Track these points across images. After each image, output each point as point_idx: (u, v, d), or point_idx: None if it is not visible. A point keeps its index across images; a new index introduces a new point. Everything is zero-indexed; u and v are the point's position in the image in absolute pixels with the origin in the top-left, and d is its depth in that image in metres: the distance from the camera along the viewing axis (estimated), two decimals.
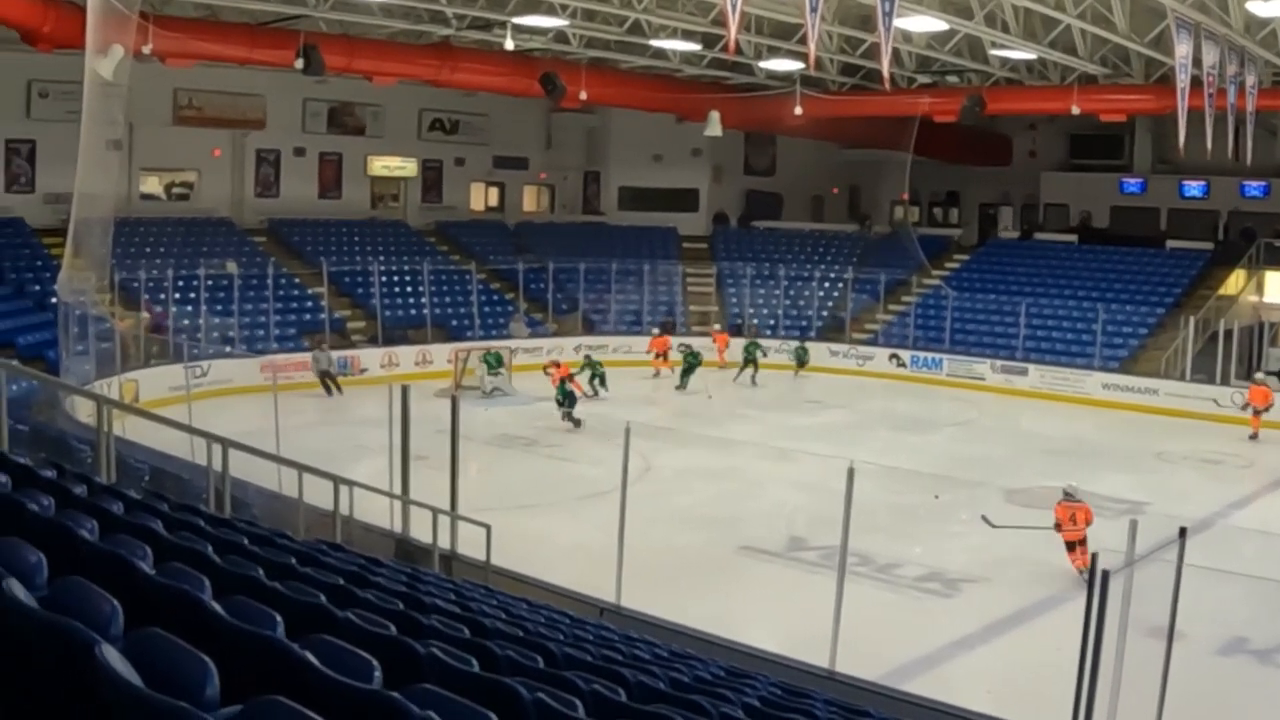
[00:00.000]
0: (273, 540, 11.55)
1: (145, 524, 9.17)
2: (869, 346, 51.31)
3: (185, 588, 6.38)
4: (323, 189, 53.88)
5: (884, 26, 27.59)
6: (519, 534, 23.20)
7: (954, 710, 15.82)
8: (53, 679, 4.96)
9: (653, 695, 8.49)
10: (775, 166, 63.82)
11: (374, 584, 10.34)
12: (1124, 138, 57.24)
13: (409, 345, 46.69)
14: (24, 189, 44.10)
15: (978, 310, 51.35)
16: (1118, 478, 31.77)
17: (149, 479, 19.39)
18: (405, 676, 5.84)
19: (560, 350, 46.89)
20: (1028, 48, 37.84)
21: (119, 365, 35.08)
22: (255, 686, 4.79)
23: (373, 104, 53.26)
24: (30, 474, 10.64)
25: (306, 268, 48.41)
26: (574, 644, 10.59)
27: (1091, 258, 53.14)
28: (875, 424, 39.52)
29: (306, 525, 18.69)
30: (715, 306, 54.98)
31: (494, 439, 34.83)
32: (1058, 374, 46.12)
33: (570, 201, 62.56)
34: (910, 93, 46.45)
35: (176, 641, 4.87)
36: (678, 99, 50.19)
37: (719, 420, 38.48)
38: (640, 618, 18.50)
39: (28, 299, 38.79)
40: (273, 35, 38.54)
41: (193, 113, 48.63)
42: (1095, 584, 13.11)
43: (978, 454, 35.15)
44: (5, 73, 41.63)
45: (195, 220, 48.33)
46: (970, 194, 63.82)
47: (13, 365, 21.35)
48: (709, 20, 37.60)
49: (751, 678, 12.64)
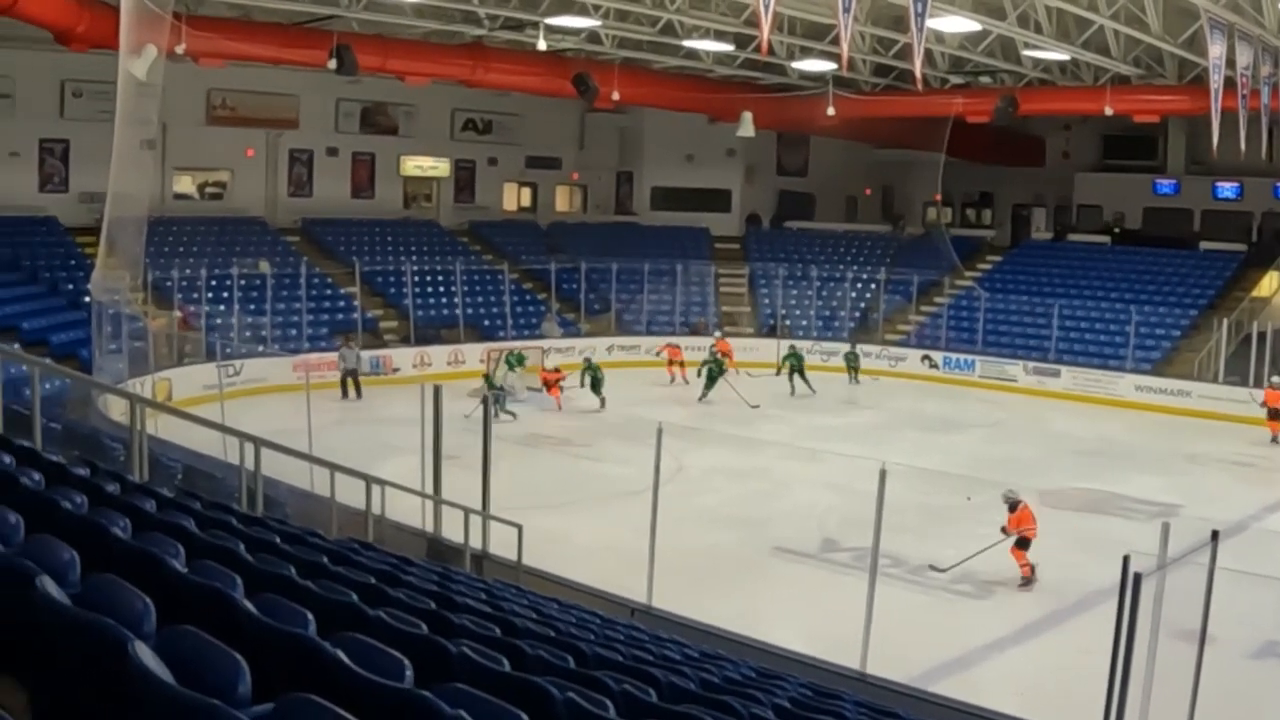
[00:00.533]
0: (305, 539, 11.58)
1: (177, 522, 9.21)
2: (901, 347, 51.17)
3: (217, 586, 6.41)
4: (356, 189, 53.98)
5: (916, 27, 27.58)
6: (550, 534, 23.21)
7: (984, 713, 15.78)
8: (85, 676, 4.99)
9: (683, 695, 8.50)
10: (808, 167, 63.71)
11: (405, 583, 10.36)
12: (1157, 139, 56.97)
13: (441, 345, 46.71)
14: (58, 188, 44.29)
15: (1010, 311, 51.16)
16: (1150, 480, 31.69)
17: (181, 477, 19.46)
18: (436, 675, 5.85)
19: (593, 350, 46.87)
20: (1061, 48, 37.73)
21: (152, 364, 35.18)
22: (286, 684, 4.81)
23: (406, 104, 53.35)
24: (63, 472, 10.69)
25: (339, 267, 48.49)
26: (604, 644, 10.60)
27: (1124, 259, 52.95)
28: (906, 425, 39.36)
29: (338, 524, 18.73)
30: (748, 307, 54.95)
31: (525, 439, 34.84)
32: (1090, 376, 45.96)
33: (603, 202, 62.54)
34: (943, 93, 46.35)
35: (208, 639, 4.89)
36: (710, 99, 50.17)
37: (748, 420, 38.37)
38: (671, 618, 18.51)
39: (61, 297, 38.91)
40: (305, 35, 38.61)
41: (226, 112, 48.77)
42: (1127, 587, 13.07)
43: (1009, 455, 34.96)
44: (40, 73, 41.83)
45: (228, 220, 48.48)
46: (1003, 195, 63.62)
47: (46, 363, 21.46)
48: (741, 21, 37.56)
49: (782, 679, 12.63)
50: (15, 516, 6.89)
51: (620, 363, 47.85)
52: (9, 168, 42.80)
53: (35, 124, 43.22)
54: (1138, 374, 45.24)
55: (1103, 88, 42.62)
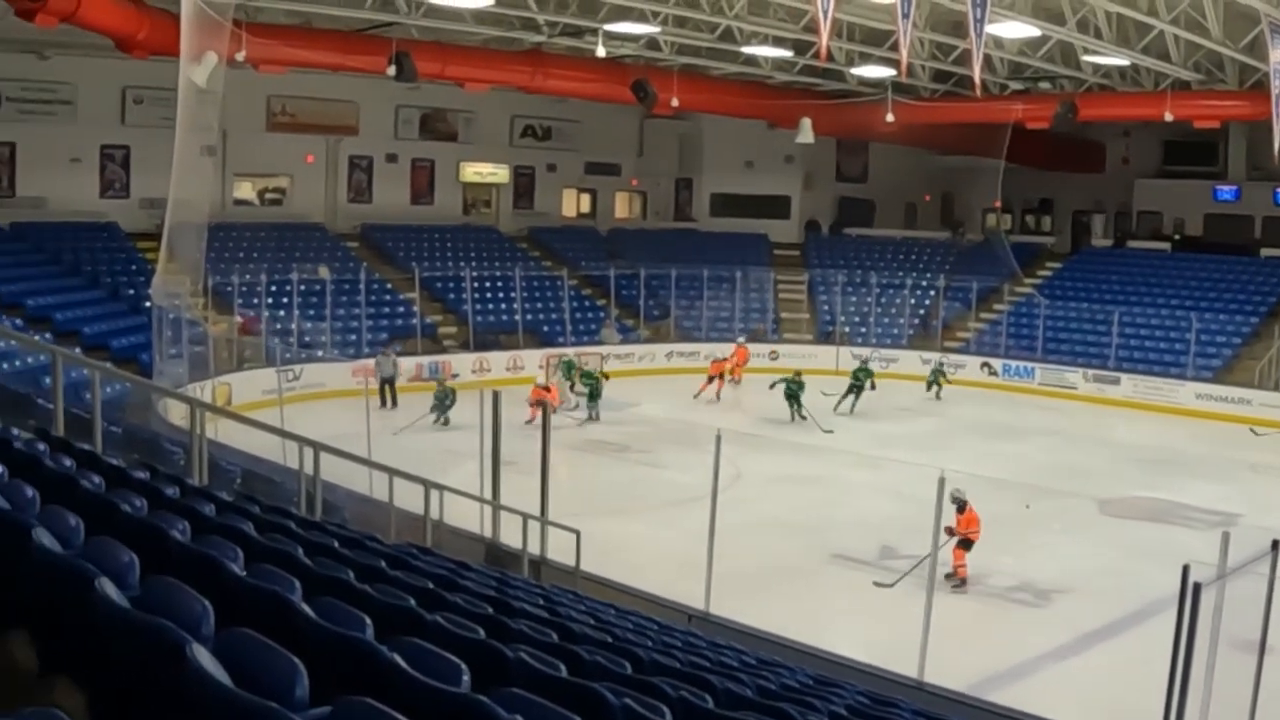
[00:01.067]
0: (363, 543, 11.61)
1: (236, 525, 9.25)
2: (960, 355, 51.00)
3: (275, 589, 6.42)
4: (415, 195, 54.15)
5: (975, 32, 27.52)
6: (608, 540, 23.18)
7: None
8: (143, 678, 5.00)
9: (740, 702, 8.48)
10: (867, 173, 63.57)
11: (463, 588, 10.37)
12: (1218, 145, 56.54)
13: (500, 351, 46.81)
14: (119, 194, 44.63)
15: (1070, 319, 50.90)
16: (1210, 488, 31.45)
17: (240, 481, 19.56)
18: (493, 680, 5.85)
19: (651, 357, 46.90)
20: (1120, 53, 37.54)
21: (212, 369, 35.38)
22: (343, 688, 4.82)
23: (465, 110, 53.48)
24: (123, 475, 10.76)
25: (398, 273, 48.69)
26: (661, 650, 10.59)
27: (1185, 266, 52.65)
28: (966, 432, 39.18)
29: (397, 529, 18.76)
30: (807, 314, 54.87)
31: (585, 445, 34.88)
32: (1150, 383, 45.74)
33: (662, 208, 62.57)
34: (1002, 99, 46.15)
35: (266, 642, 4.91)
36: (769, 106, 50.08)
37: (808, 427, 38.30)
38: (728, 624, 18.49)
39: (122, 303, 39.18)
40: (365, 42, 38.72)
41: (286, 119, 49.01)
42: (1186, 596, 12.97)
43: (1069, 463, 34.80)
44: (101, 79, 42.11)
45: (288, 225, 48.69)
46: (1063, 201, 63.24)
47: (107, 368, 21.62)
48: (800, 27, 37.54)
49: (839, 686, 12.59)
50: (76, 519, 6.93)
51: (679, 369, 47.80)
52: (71, 174, 43.16)
53: (96, 130, 43.52)
54: (1198, 382, 44.98)
55: (1163, 93, 42.37)
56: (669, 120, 56.30)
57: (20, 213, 41.16)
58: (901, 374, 48.03)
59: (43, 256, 40.08)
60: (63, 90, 42.21)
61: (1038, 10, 33.71)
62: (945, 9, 33.57)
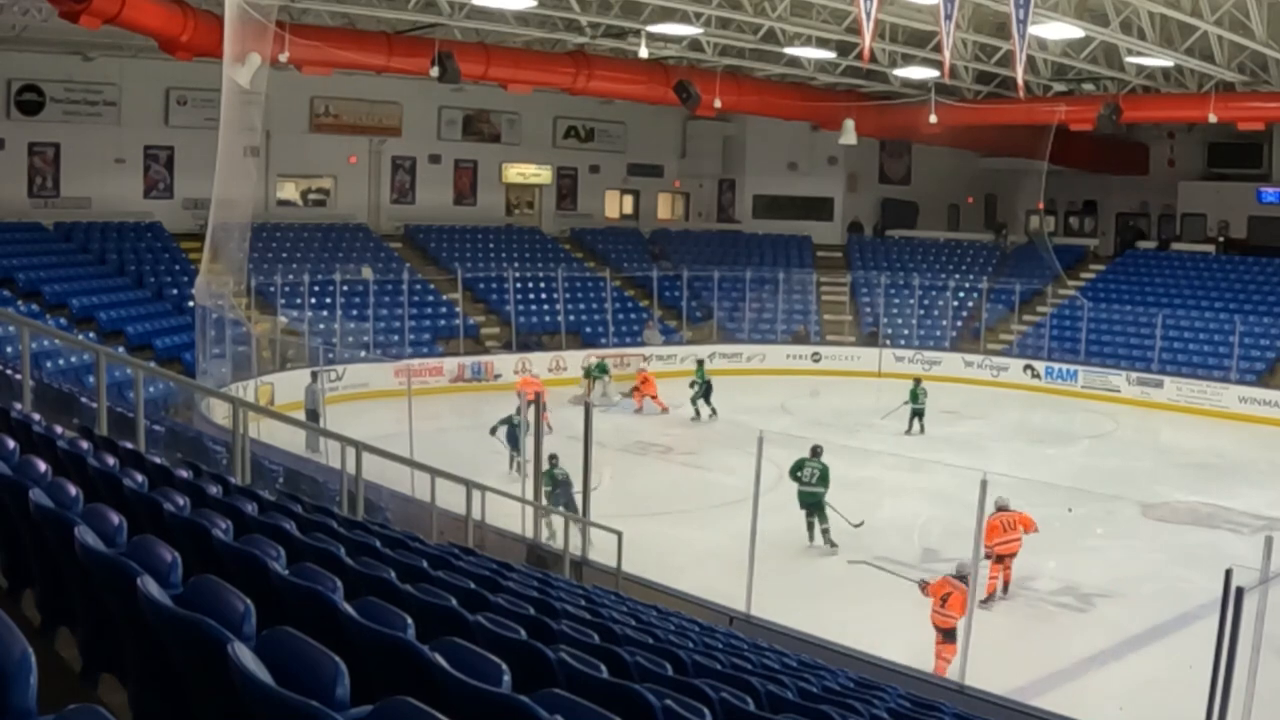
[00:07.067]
0: (405, 543, 11.62)
1: (278, 525, 9.26)
2: (1004, 357, 50.84)
3: (317, 588, 6.43)
4: (458, 196, 54.28)
5: (1018, 34, 27.41)
6: (651, 541, 23.20)
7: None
8: (185, 676, 5.01)
9: (781, 704, 8.46)
10: (911, 175, 63.38)
11: (505, 588, 10.37)
12: (1263, 146, 56.22)
13: (543, 351, 46.88)
14: (163, 194, 44.89)
15: (1114, 321, 50.65)
16: (1255, 493, 31.25)
17: (283, 480, 19.62)
18: (535, 681, 5.85)
19: (694, 359, 46.95)
20: (1164, 55, 37.33)
21: (255, 368, 35.55)
22: (385, 688, 4.83)
23: (508, 112, 53.57)
24: (167, 474, 10.79)
25: (441, 273, 48.84)
26: (703, 652, 10.57)
27: (1229, 268, 52.38)
28: (1009, 436, 39.03)
29: (439, 529, 18.81)
30: (849, 316, 54.75)
31: (629, 446, 34.86)
32: (1195, 387, 45.45)
33: (705, 209, 62.49)
34: (1046, 101, 45.94)
35: (308, 641, 4.91)
36: (812, 107, 49.96)
37: (852, 430, 38.16)
38: (770, 626, 18.46)
39: (166, 302, 39.40)
40: (409, 44, 38.75)
41: (329, 120, 49.19)
42: (1229, 601, 12.91)
43: (1113, 467, 34.66)
44: (145, 80, 42.39)
45: (331, 226, 48.90)
46: (1107, 203, 62.97)
47: (150, 367, 21.70)
48: (843, 28, 37.48)
49: (880, 689, 12.55)
50: (119, 517, 6.95)
51: (723, 370, 47.67)
52: (115, 174, 43.46)
53: (140, 131, 43.82)
54: (1242, 385, 44.71)
55: (1207, 95, 42.10)
56: (712, 122, 56.33)
57: (65, 213, 41.50)
58: (944, 376, 47.87)
59: (87, 257, 40.36)
60: (107, 91, 42.48)
61: (1081, 11, 33.58)
62: (988, 10, 33.49)
